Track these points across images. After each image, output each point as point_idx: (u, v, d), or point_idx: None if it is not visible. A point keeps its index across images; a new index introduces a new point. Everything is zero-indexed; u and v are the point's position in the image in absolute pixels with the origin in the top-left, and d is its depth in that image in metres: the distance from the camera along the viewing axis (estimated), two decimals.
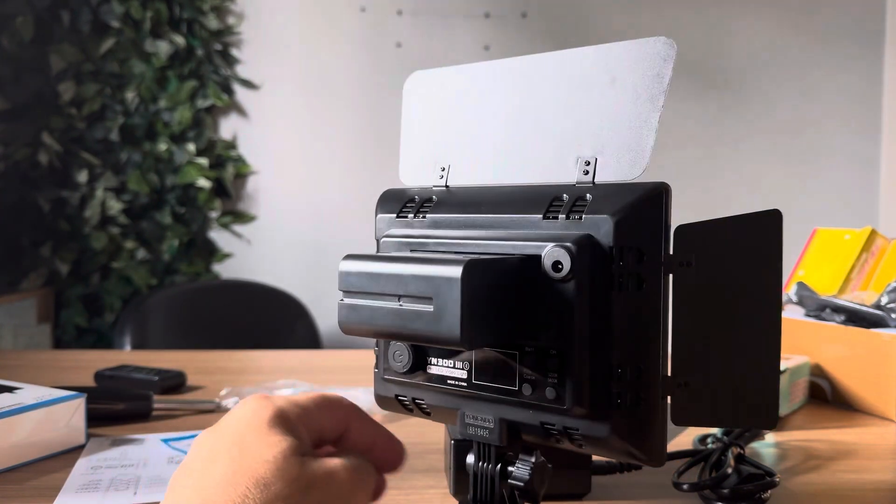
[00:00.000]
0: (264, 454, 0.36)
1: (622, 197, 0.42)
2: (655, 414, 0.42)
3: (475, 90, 0.51)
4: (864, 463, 0.71)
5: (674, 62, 0.42)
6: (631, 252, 0.41)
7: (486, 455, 0.45)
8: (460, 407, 0.46)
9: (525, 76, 0.49)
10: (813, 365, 0.92)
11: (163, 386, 0.94)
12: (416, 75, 0.54)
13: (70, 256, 2.38)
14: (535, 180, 0.47)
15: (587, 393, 0.41)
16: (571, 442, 0.43)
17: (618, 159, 0.44)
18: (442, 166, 0.51)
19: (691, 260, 0.42)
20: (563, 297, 0.41)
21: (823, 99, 2.59)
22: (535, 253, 0.42)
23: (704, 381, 0.42)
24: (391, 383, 0.49)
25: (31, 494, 0.60)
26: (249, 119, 2.50)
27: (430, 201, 0.50)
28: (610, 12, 2.53)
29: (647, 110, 0.43)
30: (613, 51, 0.45)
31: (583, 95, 0.46)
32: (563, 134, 0.46)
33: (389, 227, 0.51)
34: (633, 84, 0.44)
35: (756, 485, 0.58)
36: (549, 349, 0.42)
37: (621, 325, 0.41)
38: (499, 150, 0.49)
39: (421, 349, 0.46)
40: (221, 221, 2.48)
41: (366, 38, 2.50)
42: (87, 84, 2.36)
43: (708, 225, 0.42)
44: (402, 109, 0.54)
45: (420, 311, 0.39)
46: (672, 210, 0.42)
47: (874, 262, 1.03)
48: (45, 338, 2.37)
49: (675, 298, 0.42)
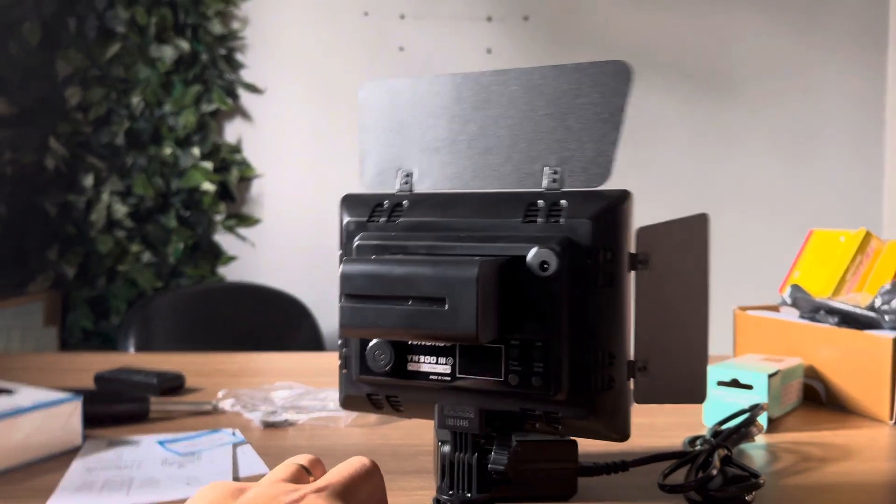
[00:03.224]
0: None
1: (595, 202, 0.46)
2: (623, 395, 0.47)
3: (436, 102, 0.54)
4: (857, 465, 0.72)
5: (632, 83, 0.47)
6: (605, 251, 0.46)
7: (463, 445, 0.49)
8: (439, 401, 0.49)
9: (490, 90, 0.52)
10: (807, 367, 0.92)
11: (161, 388, 0.95)
12: (370, 85, 0.56)
13: (76, 260, 2.40)
14: (501, 187, 0.51)
15: (569, 379, 0.46)
16: (548, 424, 0.47)
17: (584, 169, 0.48)
18: (406, 172, 0.54)
19: (648, 258, 0.48)
20: (549, 293, 0.45)
21: (826, 100, 2.58)
22: (520, 254, 0.46)
23: (657, 364, 0.49)
24: (365, 384, 0.51)
25: (26, 496, 0.61)
26: (254, 123, 2.52)
27: (400, 206, 0.52)
28: (611, 16, 2.53)
29: (609, 126, 0.48)
30: (577, 70, 0.49)
31: (548, 111, 0.50)
32: (530, 145, 0.50)
33: (360, 230, 0.52)
34: (595, 102, 0.48)
35: (740, 486, 0.58)
36: (535, 341, 0.46)
37: (597, 317, 0.46)
38: (464, 159, 0.52)
39: (402, 348, 0.49)
40: (226, 224, 2.50)
41: (369, 42, 2.51)
42: (93, 89, 2.38)
43: (660, 227, 0.48)
44: (358, 117, 0.55)
45: (433, 311, 0.42)
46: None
47: (869, 264, 1.03)
48: (52, 340, 2.39)
49: (637, 291, 0.48)
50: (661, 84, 2.52)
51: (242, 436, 0.77)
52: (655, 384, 0.48)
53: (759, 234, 2.53)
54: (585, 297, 0.46)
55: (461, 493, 0.49)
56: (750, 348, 1.01)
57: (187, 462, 0.69)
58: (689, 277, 0.49)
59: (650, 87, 2.50)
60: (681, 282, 0.49)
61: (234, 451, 0.73)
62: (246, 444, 0.75)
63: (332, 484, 0.40)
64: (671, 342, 0.49)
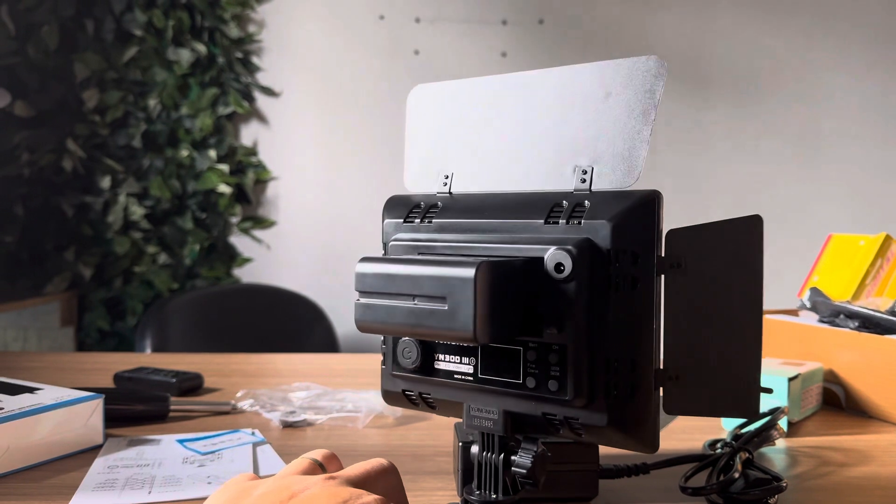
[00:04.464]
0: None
1: (618, 203, 0.45)
2: (649, 404, 0.45)
3: (477, 103, 0.54)
4: (877, 469, 0.71)
5: (665, 79, 0.46)
6: (626, 254, 0.44)
7: (490, 445, 0.48)
8: (466, 400, 0.49)
9: (524, 90, 0.52)
10: (826, 371, 0.92)
11: (180, 388, 0.96)
12: (420, 88, 0.56)
13: (93, 261, 2.42)
14: (534, 187, 0.50)
15: (586, 384, 0.45)
16: (572, 431, 0.46)
17: (613, 168, 0.47)
18: (445, 174, 0.54)
19: (682, 262, 0.45)
20: (565, 295, 0.44)
21: (841, 104, 2.56)
22: (538, 255, 0.45)
23: (694, 374, 0.46)
24: (399, 379, 0.52)
25: (49, 493, 0.62)
26: (270, 126, 2.53)
27: (435, 207, 0.53)
28: (625, 19, 2.52)
29: (640, 124, 0.47)
30: (609, 68, 0.48)
31: (579, 109, 0.49)
32: (561, 144, 0.49)
33: (397, 231, 0.53)
34: (627, 99, 0.47)
35: (763, 489, 0.58)
36: (552, 344, 0.45)
37: (617, 322, 0.45)
38: (499, 159, 0.52)
39: (429, 346, 0.49)
40: (242, 227, 2.51)
41: (384, 46, 2.52)
42: (111, 91, 2.40)
43: (696, 229, 0.45)
44: (406, 120, 0.56)
45: (434, 310, 0.43)
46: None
47: (889, 268, 1.02)
48: (69, 341, 2.41)
49: (667, 297, 0.46)
50: (675, 87, 2.51)
51: (262, 435, 0.78)
52: (691, 395, 0.46)
53: (777, 238, 2.52)
54: (605, 300, 0.45)
55: (487, 493, 0.48)
56: (769, 352, 1.00)
57: (208, 461, 0.69)
58: (734, 283, 0.46)
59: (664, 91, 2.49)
60: (723, 288, 0.46)
61: (254, 451, 0.73)
62: (265, 443, 0.76)
63: (346, 474, 0.41)
64: (711, 351, 0.46)
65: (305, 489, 0.39)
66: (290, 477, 0.41)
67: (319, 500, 0.38)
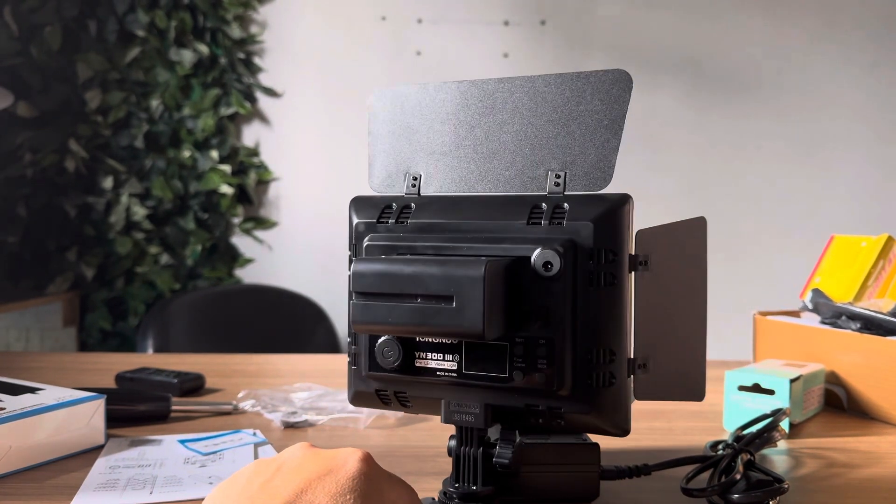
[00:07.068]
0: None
1: (596, 206, 0.48)
2: (624, 391, 0.49)
3: (440, 108, 0.56)
4: (879, 471, 0.71)
5: (631, 91, 0.49)
6: (606, 253, 0.48)
7: (468, 440, 0.51)
8: (446, 397, 0.50)
9: (495, 97, 0.54)
10: (828, 372, 0.91)
11: (182, 388, 0.96)
12: (379, 91, 0.58)
13: (95, 261, 2.42)
14: (506, 191, 0.53)
15: (571, 375, 0.48)
16: (552, 420, 0.49)
17: (586, 173, 0.50)
18: (413, 176, 0.56)
19: (647, 259, 0.49)
20: (552, 292, 0.47)
21: (843, 104, 2.56)
22: (525, 255, 0.48)
23: (658, 362, 0.50)
24: (374, 380, 0.53)
25: (51, 493, 0.62)
26: (272, 126, 2.53)
27: (408, 208, 0.54)
28: (627, 20, 2.52)
29: (610, 133, 0.50)
30: (579, 79, 0.51)
31: (551, 117, 0.52)
32: (533, 150, 0.52)
33: (369, 231, 0.54)
34: (597, 109, 0.50)
35: (764, 491, 0.58)
36: (539, 339, 0.47)
37: (599, 316, 0.48)
38: (470, 163, 0.54)
39: (410, 345, 0.50)
40: (243, 227, 2.51)
41: (386, 47, 2.52)
42: (113, 92, 2.40)
43: (658, 229, 0.49)
44: (367, 123, 0.57)
45: (441, 308, 0.44)
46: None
47: (891, 270, 1.02)
48: (71, 341, 2.41)
49: (636, 291, 0.50)
50: (677, 88, 2.51)
51: (263, 436, 0.78)
52: (655, 381, 0.50)
53: (779, 239, 2.52)
54: (587, 296, 0.47)
55: (467, 485, 0.50)
56: (770, 354, 1.00)
57: (209, 461, 0.69)
58: (687, 278, 0.50)
59: (666, 91, 2.49)
60: (679, 283, 0.50)
61: (256, 451, 0.73)
62: (267, 444, 0.76)
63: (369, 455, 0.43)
64: (670, 341, 0.50)
65: (291, 458, 0.41)
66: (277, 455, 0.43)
67: (306, 465, 0.39)
